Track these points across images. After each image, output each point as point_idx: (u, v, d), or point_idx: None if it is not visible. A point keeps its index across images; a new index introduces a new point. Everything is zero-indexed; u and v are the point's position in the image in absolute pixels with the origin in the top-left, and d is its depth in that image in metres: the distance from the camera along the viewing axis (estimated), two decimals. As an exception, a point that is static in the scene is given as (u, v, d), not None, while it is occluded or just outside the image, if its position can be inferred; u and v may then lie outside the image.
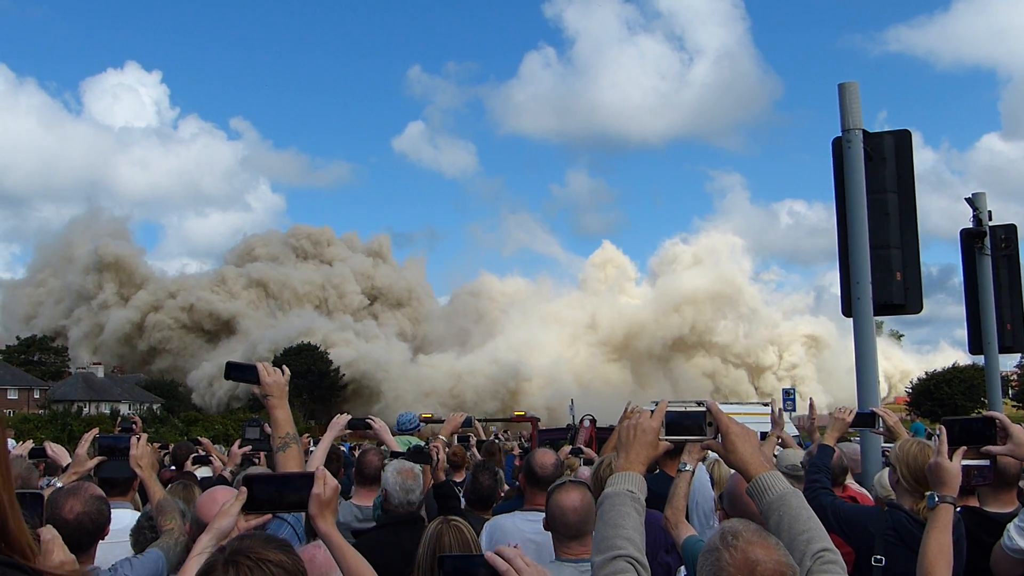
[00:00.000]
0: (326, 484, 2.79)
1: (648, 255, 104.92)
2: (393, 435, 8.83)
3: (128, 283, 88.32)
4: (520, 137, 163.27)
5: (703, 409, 2.77)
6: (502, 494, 7.79)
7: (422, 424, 10.27)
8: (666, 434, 2.76)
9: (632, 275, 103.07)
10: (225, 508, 2.87)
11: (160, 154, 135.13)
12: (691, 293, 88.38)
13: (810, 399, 7.83)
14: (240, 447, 8.15)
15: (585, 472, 7.54)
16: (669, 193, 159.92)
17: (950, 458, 3.50)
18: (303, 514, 3.03)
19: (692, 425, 2.77)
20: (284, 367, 3.91)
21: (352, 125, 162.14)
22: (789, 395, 27.05)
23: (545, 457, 5.64)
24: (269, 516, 2.98)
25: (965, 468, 3.55)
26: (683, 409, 2.79)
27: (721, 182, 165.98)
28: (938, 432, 3.69)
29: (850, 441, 7.78)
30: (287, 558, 2.44)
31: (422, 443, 8.85)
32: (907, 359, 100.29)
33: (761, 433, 6.48)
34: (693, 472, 3.97)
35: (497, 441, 14.26)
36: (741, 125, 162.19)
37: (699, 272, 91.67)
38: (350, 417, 6.50)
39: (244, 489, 2.80)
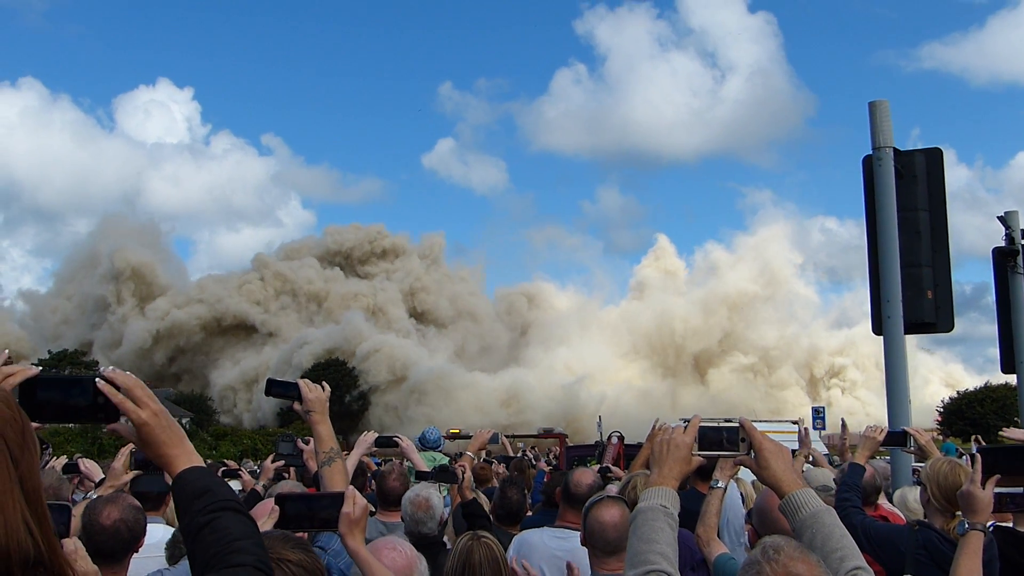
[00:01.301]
0: (355, 504, 2.88)
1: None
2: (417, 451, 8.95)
3: (148, 294, 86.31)
4: (551, 153, 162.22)
5: (736, 425, 2.78)
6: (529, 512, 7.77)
7: (445, 441, 10.16)
8: (699, 449, 2.77)
9: (682, 274, 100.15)
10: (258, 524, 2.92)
11: (192, 170, 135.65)
12: (737, 293, 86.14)
13: (842, 419, 7.78)
14: (273, 462, 8.20)
15: (612, 491, 7.55)
16: (701, 210, 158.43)
17: (983, 486, 3.48)
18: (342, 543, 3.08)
19: (725, 441, 2.78)
20: (324, 383, 3.95)
21: (383, 141, 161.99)
22: (819, 414, 26.81)
23: (583, 476, 5.68)
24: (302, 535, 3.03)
25: (997, 495, 3.54)
26: (716, 424, 2.80)
27: (753, 199, 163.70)
28: (972, 456, 3.67)
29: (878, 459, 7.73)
30: (306, 557, 2.52)
31: (446, 460, 9.02)
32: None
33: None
34: (725, 489, 3.95)
35: (526, 458, 14.28)
36: (774, 142, 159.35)
37: (744, 269, 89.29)
38: (376, 435, 6.52)
39: (276, 508, 2.88)
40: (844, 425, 7.15)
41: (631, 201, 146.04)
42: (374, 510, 6.93)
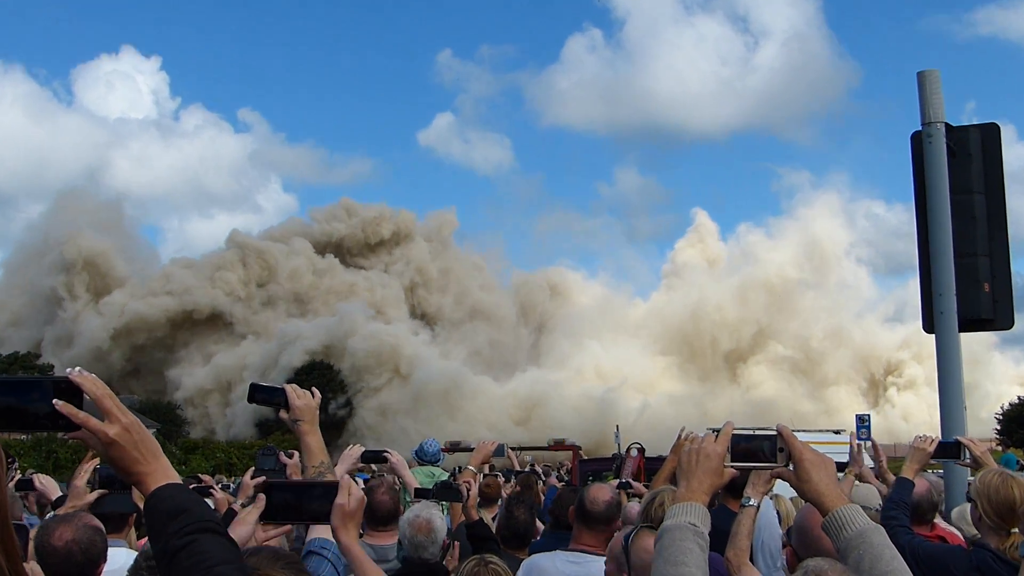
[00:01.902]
0: (351, 494, 2.88)
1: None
2: (412, 467, 8.98)
3: (103, 287, 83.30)
4: (562, 129, 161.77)
5: (773, 433, 2.78)
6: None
7: (445, 454, 10.19)
8: (732, 460, 2.76)
9: (723, 258, 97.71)
10: (242, 516, 2.99)
11: (160, 149, 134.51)
12: (778, 279, 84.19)
13: (871, 440, 7.73)
14: (252, 478, 8.17)
15: (634, 509, 7.53)
16: (731, 193, 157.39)
17: None
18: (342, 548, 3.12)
19: (761, 451, 2.79)
20: (314, 389, 3.98)
21: (373, 116, 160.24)
22: (863, 421, 26.56)
23: (600, 492, 5.63)
24: (289, 527, 3.10)
25: None
26: (751, 432, 2.81)
27: (789, 180, 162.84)
28: None
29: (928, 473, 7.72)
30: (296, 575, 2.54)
31: (446, 475, 9.00)
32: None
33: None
34: (758, 507, 3.92)
35: (535, 472, 14.26)
36: (813, 116, 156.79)
37: (786, 251, 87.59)
38: (363, 449, 6.49)
39: (262, 497, 2.88)
40: (875, 446, 7.13)
41: (652, 183, 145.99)
42: (361, 533, 6.94)
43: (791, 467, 2.76)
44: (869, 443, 8.29)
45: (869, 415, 29.03)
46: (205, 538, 1.99)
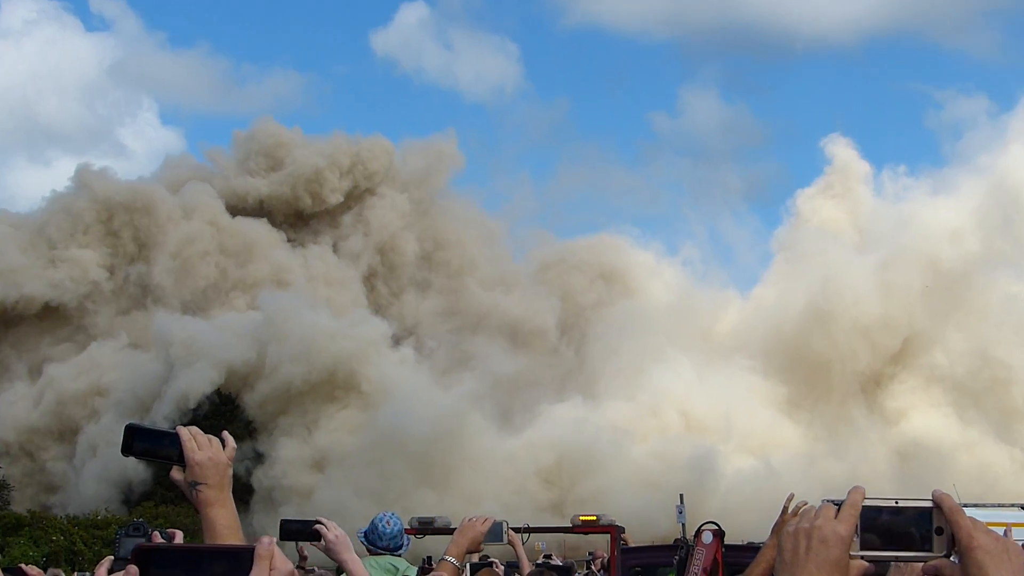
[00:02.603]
0: (275, 568, 2.44)
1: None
2: (363, 555, 8.08)
3: None
4: (596, 33, 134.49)
5: (928, 505, 2.50)
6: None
7: (409, 537, 9.08)
8: (862, 547, 2.49)
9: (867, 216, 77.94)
10: None
11: None
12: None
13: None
14: (110, 572, 7.25)
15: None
16: (862, 129, 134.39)
17: None
18: None
19: (907, 532, 2.52)
20: (226, 434, 3.71)
21: (304, 11, 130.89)
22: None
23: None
24: None
25: None
26: (893, 504, 2.53)
27: (954, 110, 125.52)
28: None
29: None
30: None
31: (413, 571, 8.52)
32: None
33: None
34: None
35: (552, 567, 13.09)
36: (989, 12, 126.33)
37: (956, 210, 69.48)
38: (282, 525, 6.40)
39: (133, 570, 2.43)
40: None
41: (740, 112, 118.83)
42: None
43: (955, 559, 2.47)
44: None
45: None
46: None
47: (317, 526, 6.43)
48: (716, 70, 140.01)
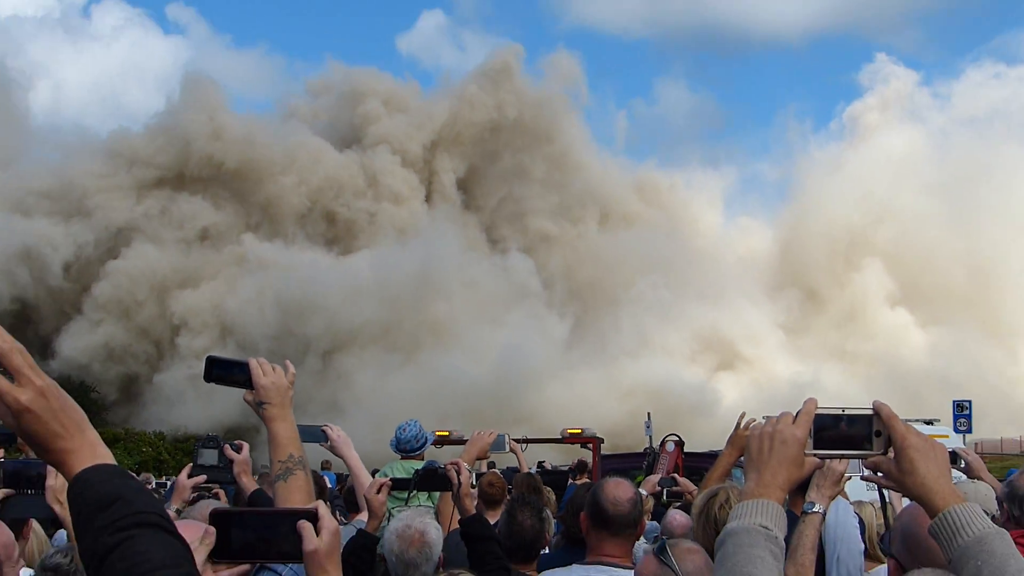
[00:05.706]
0: (324, 528, 2.74)
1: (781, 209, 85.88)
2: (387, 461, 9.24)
3: None
4: (588, 31, 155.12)
5: (869, 412, 2.79)
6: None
7: (429, 437, 9.65)
8: (815, 447, 2.77)
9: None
10: None
11: (69, 56, 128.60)
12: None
13: (957, 451, 7.29)
14: (190, 476, 8.01)
15: (677, 517, 7.44)
16: (811, 114, 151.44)
17: None
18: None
19: (852, 435, 2.80)
20: (288, 363, 4.06)
21: (341, 15, 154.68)
22: (963, 409, 26.27)
23: (618, 489, 5.51)
24: (247, 567, 2.97)
25: None
26: (840, 412, 2.81)
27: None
28: None
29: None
30: None
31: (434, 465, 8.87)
32: None
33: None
34: (824, 514, 4.02)
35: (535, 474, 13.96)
36: (921, 14, 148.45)
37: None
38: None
39: (211, 530, 2.74)
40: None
41: (704, 100, 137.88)
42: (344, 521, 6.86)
43: (891, 455, 2.76)
44: (971, 435, 8.20)
45: (970, 401, 27.59)
46: (145, 534, 1.95)
47: (324, 428, 7.03)
48: (685, 63, 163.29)
